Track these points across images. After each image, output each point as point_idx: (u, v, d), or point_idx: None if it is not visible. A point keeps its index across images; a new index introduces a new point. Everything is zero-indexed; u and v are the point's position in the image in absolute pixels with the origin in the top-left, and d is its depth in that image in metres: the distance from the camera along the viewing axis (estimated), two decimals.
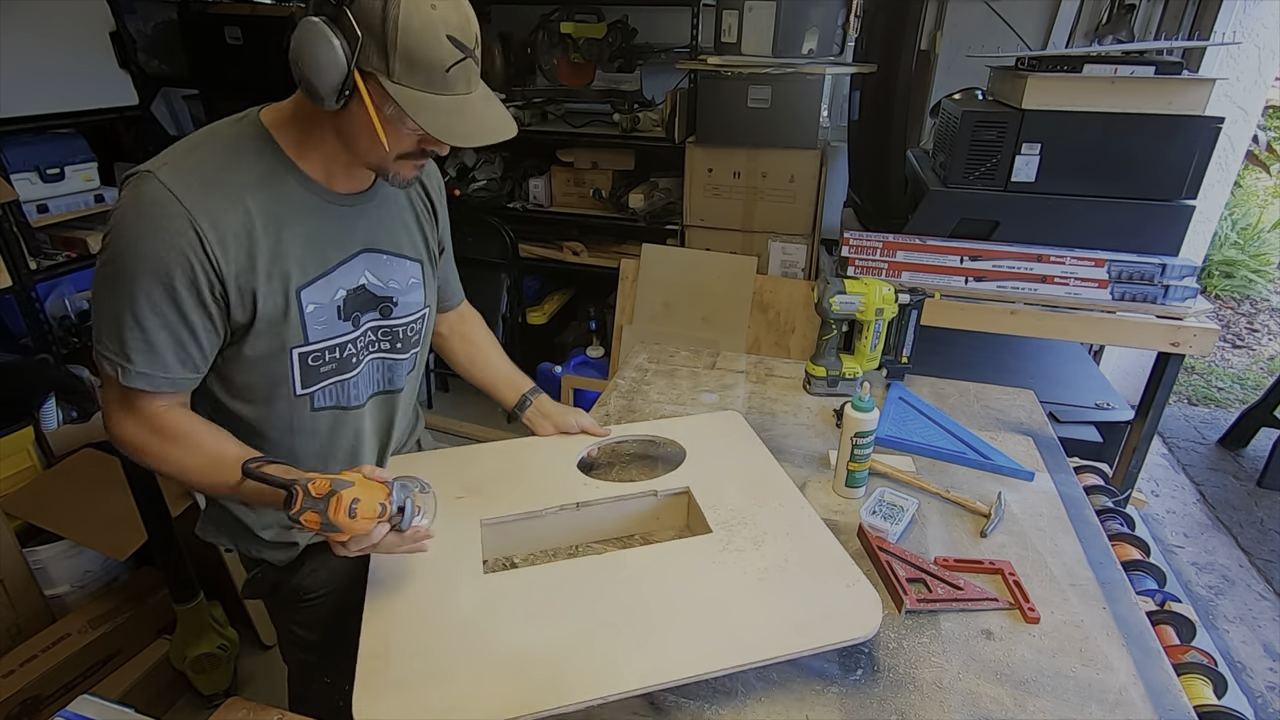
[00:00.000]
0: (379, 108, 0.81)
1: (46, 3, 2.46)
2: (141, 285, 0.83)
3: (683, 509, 1.17)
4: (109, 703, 1.29)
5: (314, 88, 0.80)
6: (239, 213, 0.86)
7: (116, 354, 0.86)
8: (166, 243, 0.82)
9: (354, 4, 0.76)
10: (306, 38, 0.78)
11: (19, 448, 2.00)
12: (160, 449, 0.90)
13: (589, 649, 0.84)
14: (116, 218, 0.83)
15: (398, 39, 0.76)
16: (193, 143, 0.89)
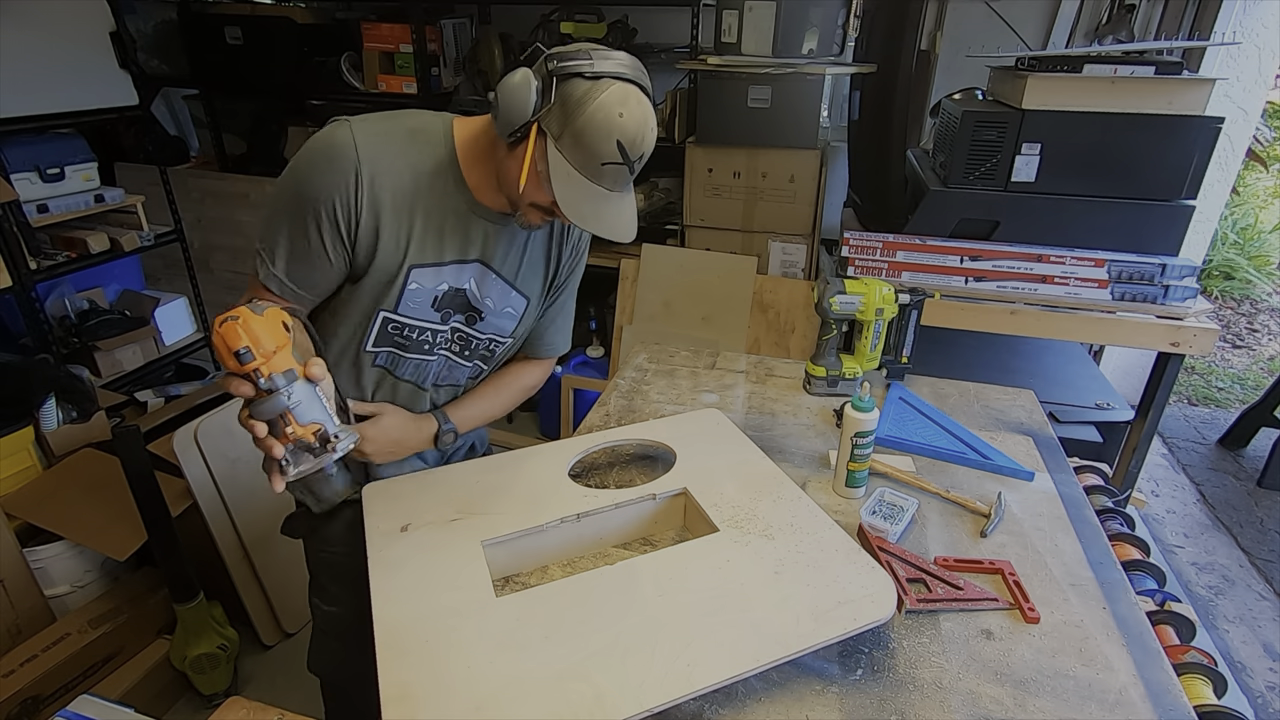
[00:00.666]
0: (535, 159, 0.93)
1: (46, 3, 2.46)
2: (300, 204, 0.96)
3: (680, 510, 1.17)
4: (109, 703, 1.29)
5: (501, 119, 0.93)
6: (396, 181, 0.98)
7: (265, 253, 0.99)
8: (330, 179, 0.95)
9: (566, 80, 0.89)
10: (516, 82, 0.91)
11: (19, 448, 2.00)
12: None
13: (623, 662, 0.82)
14: (304, 147, 0.98)
15: (579, 121, 0.89)
16: (395, 114, 1.02)
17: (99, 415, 2.20)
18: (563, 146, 0.91)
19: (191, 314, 3.24)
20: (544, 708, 0.77)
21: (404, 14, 2.81)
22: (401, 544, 1.01)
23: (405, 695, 0.78)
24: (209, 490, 1.88)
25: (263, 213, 1.01)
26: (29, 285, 2.40)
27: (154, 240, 2.85)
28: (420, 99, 2.91)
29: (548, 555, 1.09)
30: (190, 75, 3.18)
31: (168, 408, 2.30)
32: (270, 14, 3.02)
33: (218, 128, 3.32)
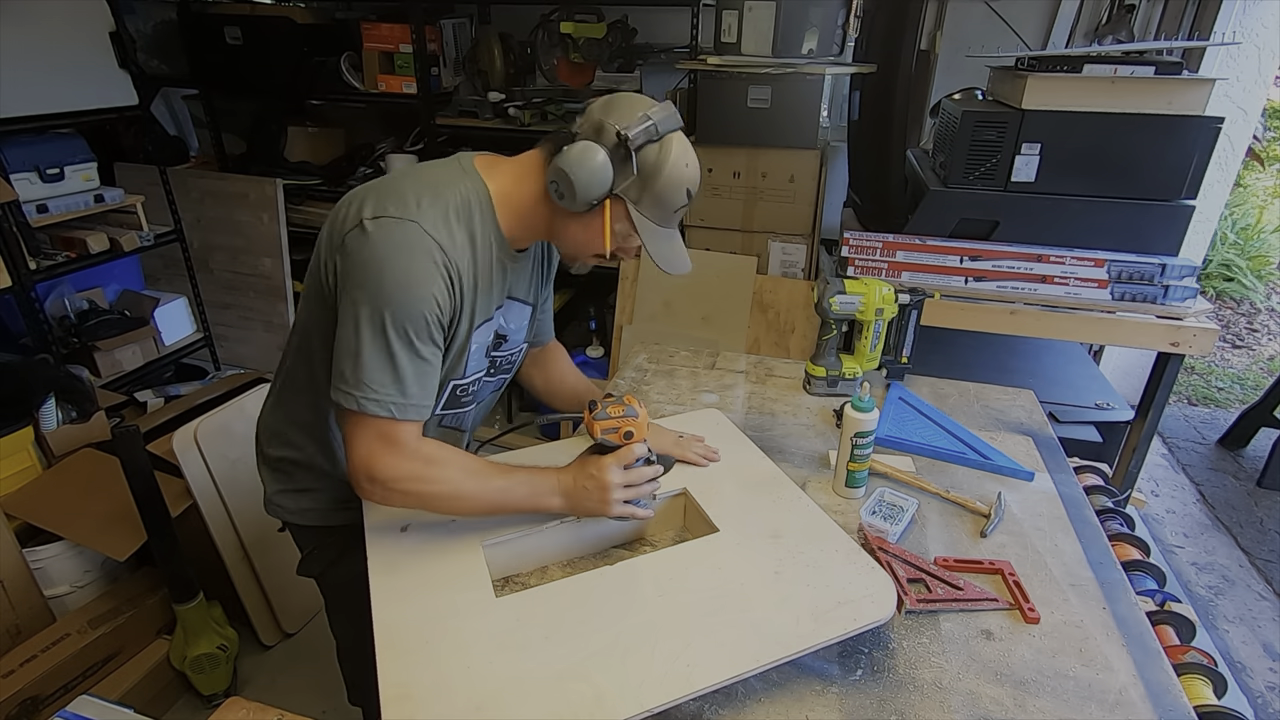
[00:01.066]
0: (613, 222, 1.00)
1: (46, 3, 2.46)
2: (413, 323, 0.92)
3: (680, 510, 1.17)
4: (109, 703, 1.29)
5: (570, 194, 0.95)
6: (468, 263, 0.98)
7: (388, 392, 0.92)
8: (431, 284, 0.92)
9: (641, 149, 0.95)
10: (586, 161, 0.93)
11: (19, 448, 2.00)
12: (435, 473, 0.97)
13: (623, 662, 0.82)
14: (383, 262, 0.90)
15: (658, 184, 0.97)
16: (433, 191, 0.96)
17: (99, 415, 2.20)
18: (643, 208, 0.99)
19: (191, 314, 3.25)
20: (544, 708, 0.77)
21: (404, 14, 2.81)
22: (401, 544, 1.01)
23: (405, 695, 0.78)
24: (209, 490, 1.88)
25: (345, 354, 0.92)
26: (29, 285, 2.40)
27: (154, 240, 2.85)
28: (420, 99, 2.91)
29: (547, 556, 1.09)
30: (190, 75, 3.18)
31: (167, 408, 2.30)
32: (270, 14, 3.02)
33: (217, 128, 3.32)
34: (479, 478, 0.99)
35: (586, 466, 1.03)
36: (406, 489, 0.95)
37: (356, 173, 3.28)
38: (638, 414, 1.04)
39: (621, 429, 1.03)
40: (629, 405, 1.04)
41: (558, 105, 2.97)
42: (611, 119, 0.95)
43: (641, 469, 1.04)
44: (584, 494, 1.01)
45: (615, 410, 1.03)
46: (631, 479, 1.02)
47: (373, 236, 0.90)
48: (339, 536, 1.18)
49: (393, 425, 0.93)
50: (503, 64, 3.00)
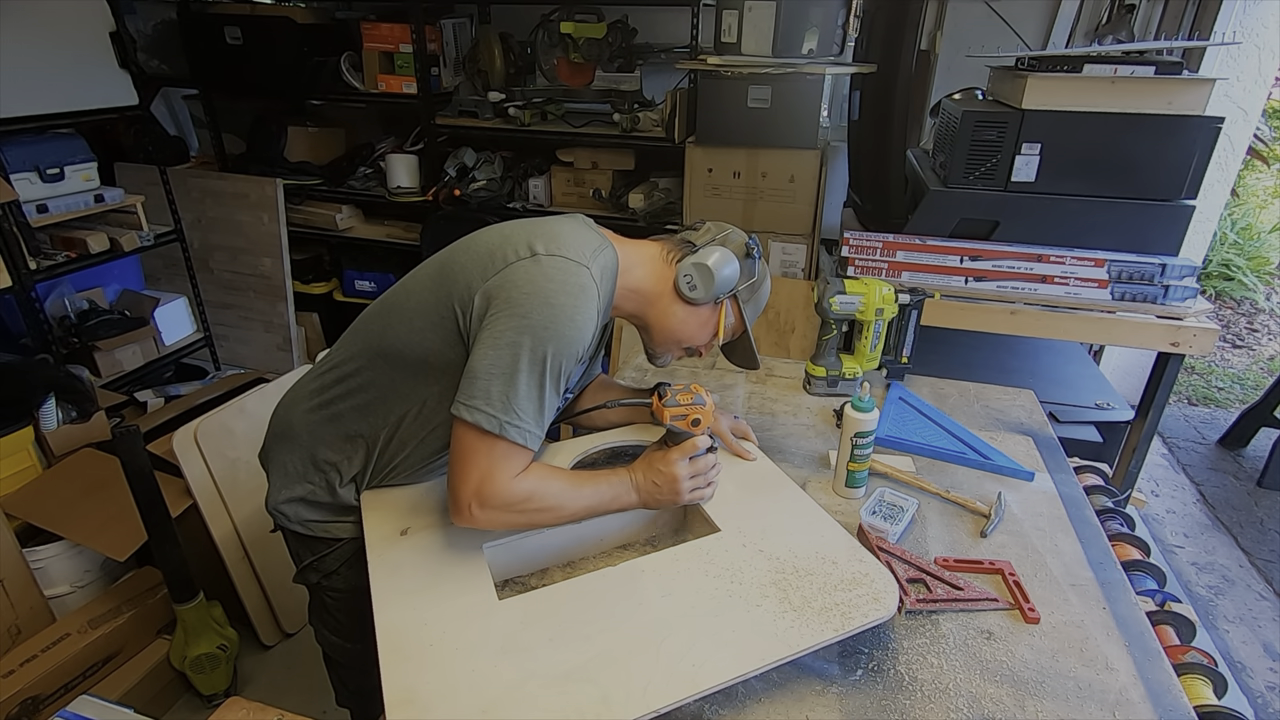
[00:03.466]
0: (725, 315, 1.14)
1: (46, 3, 2.46)
2: (566, 361, 0.96)
3: (680, 511, 1.17)
4: (109, 703, 1.29)
5: (704, 288, 1.08)
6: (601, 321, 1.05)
7: (531, 422, 0.95)
8: (589, 329, 0.97)
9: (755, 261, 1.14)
10: (728, 262, 1.09)
11: (19, 448, 2.00)
12: (543, 493, 0.99)
13: (628, 663, 0.82)
14: (557, 296, 0.94)
15: (760, 290, 1.18)
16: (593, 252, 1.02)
17: (99, 415, 2.20)
18: (747, 308, 1.15)
19: (191, 314, 3.25)
20: (550, 710, 0.77)
21: (404, 14, 2.81)
22: (401, 548, 1.00)
23: (410, 699, 0.78)
24: (209, 490, 1.88)
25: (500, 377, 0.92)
26: (29, 285, 2.40)
27: (154, 240, 2.85)
28: (420, 99, 2.91)
29: (549, 557, 1.09)
30: (190, 75, 3.18)
31: (168, 408, 2.31)
32: (270, 14, 3.02)
33: (218, 128, 3.32)
34: (574, 490, 1.03)
35: (654, 463, 1.07)
36: (518, 510, 0.97)
37: (356, 172, 3.28)
38: (705, 402, 1.08)
39: (690, 416, 1.07)
40: (697, 394, 1.08)
41: (558, 105, 2.97)
42: (727, 233, 1.13)
43: (706, 458, 1.08)
44: (655, 489, 1.06)
45: (684, 398, 1.07)
46: (698, 469, 1.07)
47: (549, 271, 0.94)
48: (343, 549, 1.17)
49: (519, 453, 0.95)
50: (503, 64, 3.00)
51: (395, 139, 3.35)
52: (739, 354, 1.23)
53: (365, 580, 0.99)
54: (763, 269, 1.16)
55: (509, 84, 3.02)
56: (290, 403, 1.19)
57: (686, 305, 1.11)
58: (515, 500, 0.96)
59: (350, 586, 1.18)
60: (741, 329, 1.17)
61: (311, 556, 1.19)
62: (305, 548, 1.19)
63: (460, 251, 1.04)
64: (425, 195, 3.04)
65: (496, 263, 0.96)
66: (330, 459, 1.12)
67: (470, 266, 0.99)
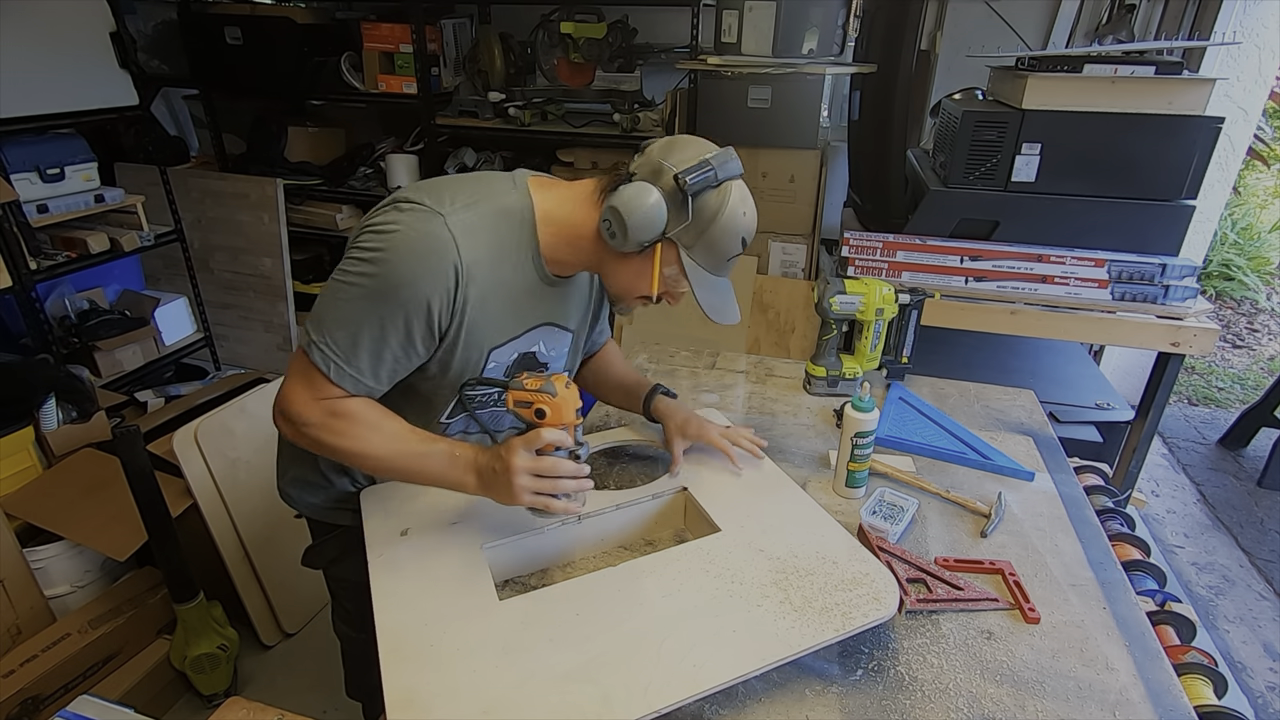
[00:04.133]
0: (662, 265, 0.97)
1: (46, 3, 2.46)
2: (394, 310, 0.90)
3: (680, 511, 1.17)
4: (109, 703, 1.29)
5: (621, 234, 0.93)
6: (488, 274, 0.95)
7: (337, 352, 0.92)
8: (434, 283, 0.90)
9: (699, 195, 0.92)
10: (641, 199, 0.91)
11: (19, 448, 2.00)
12: (342, 426, 0.95)
13: (629, 664, 0.82)
14: (396, 241, 0.89)
15: (713, 231, 0.95)
16: (473, 195, 0.95)
17: (99, 415, 2.20)
18: (695, 254, 0.97)
19: (191, 314, 3.25)
20: (551, 710, 0.77)
21: (404, 14, 2.81)
22: (401, 549, 1.00)
23: (411, 700, 0.78)
24: (209, 490, 1.88)
25: (327, 303, 0.93)
26: (29, 285, 2.40)
27: (154, 240, 2.85)
28: (420, 99, 2.91)
29: (548, 558, 1.08)
30: (190, 75, 3.18)
31: (168, 408, 2.31)
32: (270, 14, 3.02)
33: (218, 128, 3.32)
34: (394, 440, 0.97)
35: (499, 448, 0.95)
36: (313, 434, 0.96)
37: (357, 173, 3.28)
38: (556, 393, 0.93)
39: (534, 405, 0.93)
40: (548, 382, 0.93)
41: (558, 105, 2.97)
42: (670, 161, 0.93)
43: (556, 460, 0.93)
44: (493, 477, 0.94)
45: (532, 384, 0.94)
46: (542, 468, 0.92)
47: (400, 215, 0.90)
48: (342, 536, 1.18)
49: (322, 378, 0.93)
50: (503, 64, 3.01)
51: (395, 139, 3.36)
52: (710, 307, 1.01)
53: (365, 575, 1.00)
54: (717, 206, 0.94)
55: (509, 84, 3.03)
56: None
57: (619, 253, 0.97)
58: (308, 421, 0.95)
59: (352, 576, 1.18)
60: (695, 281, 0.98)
61: (315, 540, 1.21)
62: (311, 531, 1.22)
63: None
64: None
65: (375, 209, 0.96)
66: None
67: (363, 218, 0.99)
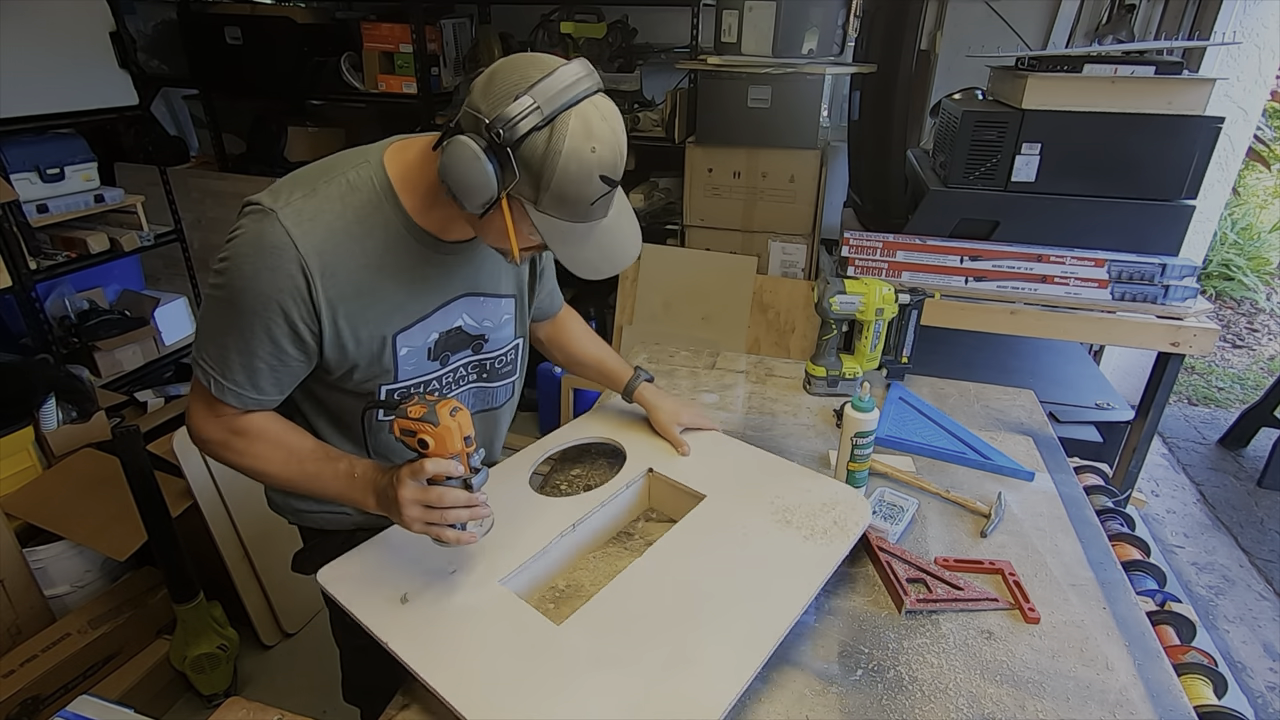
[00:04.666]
0: (517, 223, 0.83)
1: (46, 3, 2.46)
2: (247, 318, 0.87)
3: (645, 492, 1.20)
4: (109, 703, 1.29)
5: (466, 201, 0.81)
6: (349, 260, 0.88)
7: (213, 368, 0.90)
8: (277, 284, 0.85)
9: (520, 144, 0.76)
10: (461, 160, 0.78)
11: (19, 448, 2.00)
12: (242, 446, 0.95)
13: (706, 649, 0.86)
14: (235, 249, 0.86)
15: (552, 181, 0.78)
16: (315, 181, 0.89)
17: (99, 415, 2.20)
18: (545, 208, 0.81)
19: (191, 314, 3.24)
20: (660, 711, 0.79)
21: (404, 14, 2.81)
22: (414, 616, 0.91)
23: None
24: (209, 490, 1.88)
25: (200, 318, 0.92)
26: (29, 285, 2.40)
27: (154, 240, 2.85)
28: (420, 99, 2.91)
29: (554, 571, 1.07)
30: (190, 75, 3.18)
31: (168, 408, 2.31)
32: (270, 14, 3.02)
33: (218, 128, 3.32)
34: (292, 461, 0.95)
35: (391, 472, 0.90)
36: (214, 453, 0.96)
37: None
38: (438, 423, 0.85)
39: (417, 434, 0.86)
40: (431, 410, 0.85)
41: None
42: (486, 106, 0.78)
43: (444, 490, 0.87)
44: (389, 504, 0.90)
45: (415, 411, 0.86)
46: (429, 498, 0.87)
47: (241, 221, 0.86)
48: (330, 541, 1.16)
49: (211, 399, 0.93)
50: None
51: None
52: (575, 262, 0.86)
53: None
54: (548, 150, 0.76)
55: None
56: None
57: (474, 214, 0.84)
58: (211, 439, 0.95)
59: None
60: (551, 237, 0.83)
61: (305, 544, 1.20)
62: (302, 536, 1.21)
63: None
64: None
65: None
66: None
67: None
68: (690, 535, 1.04)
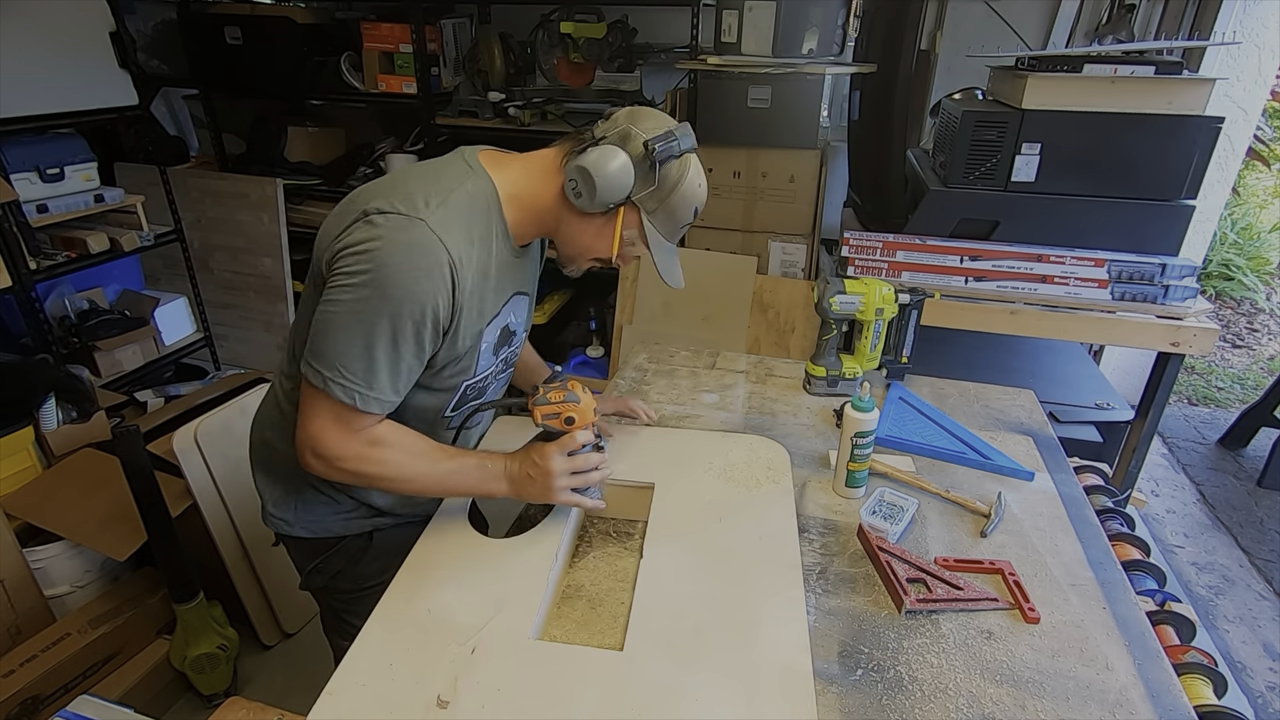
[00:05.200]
0: (624, 228, 1.02)
1: (46, 3, 2.46)
2: (401, 322, 0.91)
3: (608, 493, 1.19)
4: (109, 703, 1.29)
5: (588, 194, 0.96)
6: (471, 264, 0.96)
7: (357, 380, 0.92)
8: (432, 287, 0.91)
9: (665, 163, 0.98)
10: (610, 163, 0.95)
11: (19, 448, 2.00)
12: (380, 455, 0.98)
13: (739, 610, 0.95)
14: (383, 256, 0.89)
15: (674, 198, 1.01)
16: (441, 191, 0.95)
17: (99, 415, 2.20)
18: (655, 220, 1.02)
19: (191, 314, 3.25)
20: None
21: (404, 14, 2.81)
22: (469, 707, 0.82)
23: None
24: (209, 490, 1.88)
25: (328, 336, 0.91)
26: (29, 285, 2.40)
27: (154, 240, 2.85)
28: (420, 99, 2.91)
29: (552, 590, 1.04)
30: (190, 75, 3.18)
31: (168, 408, 2.30)
32: (270, 14, 3.02)
33: (218, 128, 3.32)
34: (426, 460, 1.01)
35: (531, 454, 1.04)
36: (350, 468, 0.97)
37: (356, 173, 3.28)
38: (580, 400, 1.03)
39: (562, 414, 1.02)
40: (571, 391, 1.03)
41: (558, 105, 2.97)
42: (639, 127, 0.98)
43: (588, 455, 1.05)
44: (529, 482, 1.03)
45: (556, 395, 1.02)
46: (577, 466, 1.03)
47: (378, 229, 0.90)
48: (345, 546, 1.17)
49: (349, 411, 0.94)
50: (503, 64, 3.00)
51: (395, 139, 3.35)
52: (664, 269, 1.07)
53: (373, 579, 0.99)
54: (678, 175, 1.00)
55: (509, 84, 3.02)
56: (261, 414, 1.18)
57: (581, 214, 1.01)
58: (346, 456, 0.96)
59: (357, 586, 1.18)
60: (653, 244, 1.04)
61: (315, 559, 1.18)
62: (308, 551, 1.19)
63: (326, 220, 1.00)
64: None
65: (340, 225, 0.94)
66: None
67: (327, 232, 0.97)
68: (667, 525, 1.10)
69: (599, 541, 1.17)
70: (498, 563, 1.03)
